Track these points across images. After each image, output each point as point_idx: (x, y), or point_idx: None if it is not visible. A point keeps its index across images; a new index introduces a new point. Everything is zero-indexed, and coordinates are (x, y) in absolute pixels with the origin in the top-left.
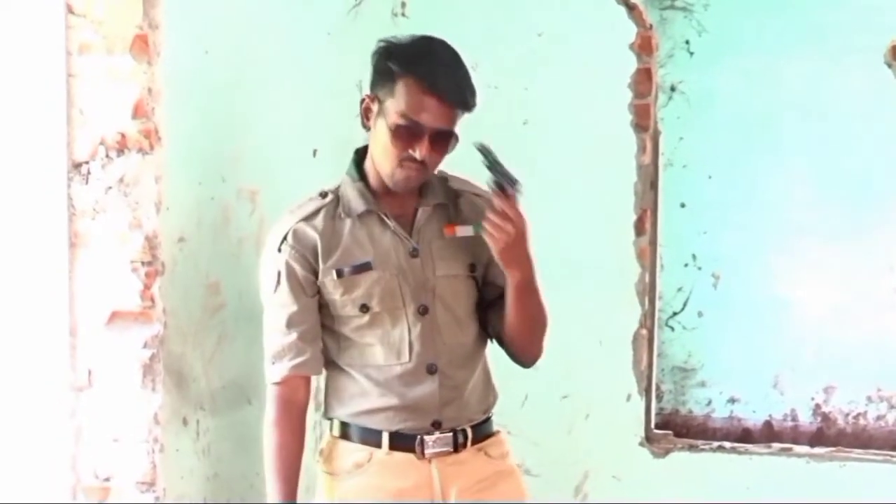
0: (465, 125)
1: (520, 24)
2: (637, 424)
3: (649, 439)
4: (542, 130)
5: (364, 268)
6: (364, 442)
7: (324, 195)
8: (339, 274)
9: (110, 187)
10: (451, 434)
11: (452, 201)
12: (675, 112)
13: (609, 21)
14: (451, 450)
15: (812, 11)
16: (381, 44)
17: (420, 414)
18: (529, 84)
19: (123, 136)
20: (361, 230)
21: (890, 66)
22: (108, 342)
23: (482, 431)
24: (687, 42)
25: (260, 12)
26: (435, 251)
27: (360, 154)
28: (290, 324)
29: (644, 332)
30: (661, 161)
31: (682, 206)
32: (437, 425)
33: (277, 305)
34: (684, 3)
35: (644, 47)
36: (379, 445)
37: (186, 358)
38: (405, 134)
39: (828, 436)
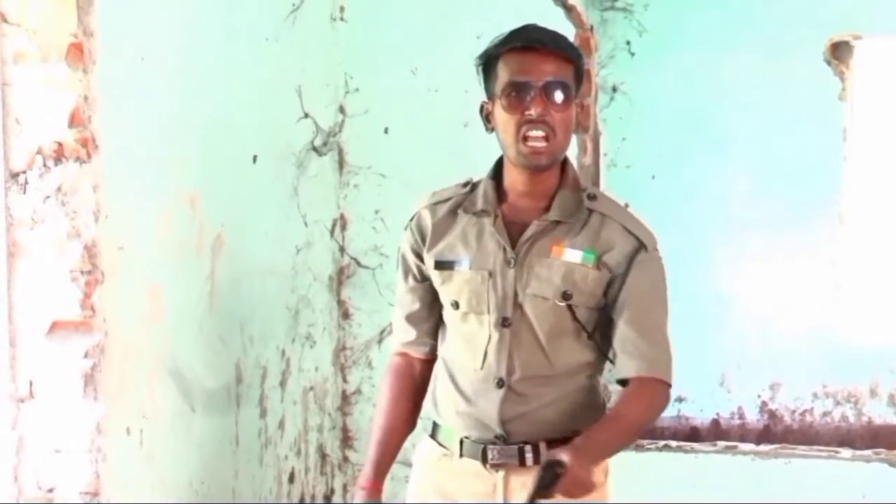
0: (407, 126)
1: (458, 27)
2: None
3: None
4: (482, 133)
5: (458, 264)
6: (439, 441)
7: (466, 184)
8: (437, 265)
9: (48, 197)
10: (515, 447)
11: (581, 221)
12: (617, 112)
13: (547, 23)
14: (517, 463)
15: (751, 9)
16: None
17: (484, 424)
18: (469, 86)
19: (60, 144)
20: (474, 227)
21: (829, 62)
22: (48, 352)
23: None
24: (628, 43)
25: (196, 18)
26: (533, 267)
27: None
28: (401, 303)
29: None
30: (604, 161)
31: (626, 206)
32: (501, 439)
33: (398, 283)
34: (624, 4)
35: (583, 48)
36: (451, 448)
37: (129, 366)
38: (515, 98)
39: (775, 433)
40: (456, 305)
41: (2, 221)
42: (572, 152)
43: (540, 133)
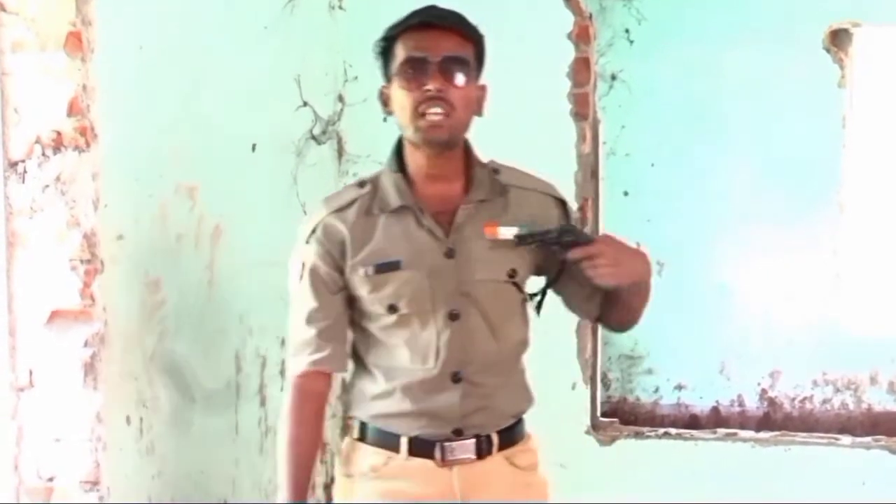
0: None
1: None
2: (583, 413)
3: (595, 427)
4: (480, 121)
5: (393, 266)
6: (382, 445)
7: (362, 184)
8: (367, 272)
9: (47, 186)
10: (473, 440)
11: (501, 197)
12: (616, 101)
13: (546, 11)
14: (474, 457)
15: None
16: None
17: (440, 422)
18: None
19: (59, 133)
20: (396, 226)
21: (828, 50)
22: (48, 341)
23: (510, 436)
24: (627, 31)
25: (195, 7)
26: (474, 253)
27: (401, 143)
28: (310, 320)
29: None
30: (604, 150)
31: (626, 194)
32: (458, 433)
33: (299, 300)
34: None
35: (582, 36)
36: (397, 450)
37: (128, 356)
38: (413, 75)
39: (774, 420)
40: (393, 309)
41: (1, 211)
42: (571, 140)
43: (438, 109)
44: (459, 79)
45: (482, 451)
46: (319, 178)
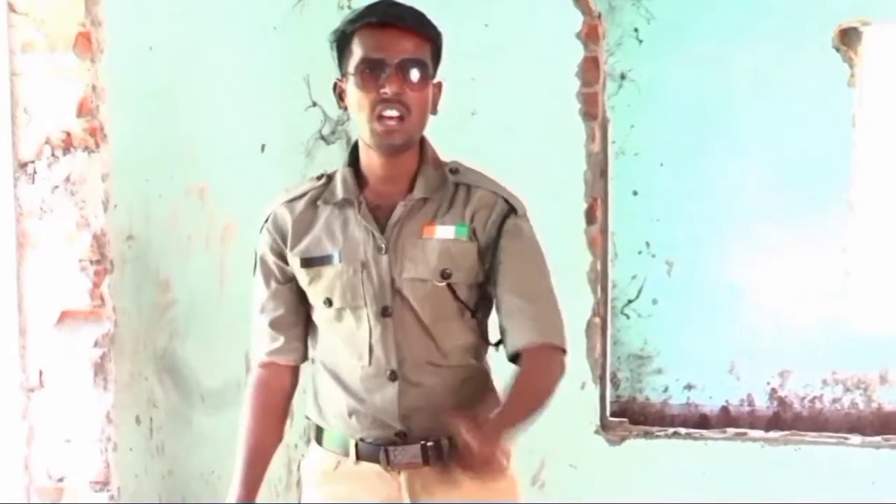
0: None
1: (466, 15)
2: (592, 412)
3: (605, 427)
4: (490, 121)
5: (327, 260)
6: (333, 449)
7: (320, 177)
8: (303, 263)
9: (57, 186)
10: (418, 446)
11: (448, 197)
12: (625, 100)
13: (555, 10)
14: (420, 462)
15: None
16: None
17: (382, 423)
18: (477, 74)
19: (69, 134)
20: (338, 219)
21: (838, 49)
22: (58, 342)
23: None
24: (636, 30)
25: (204, 7)
26: (406, 250)
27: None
28: (263, 309)
29: (597, 320)
30: (613, 149)
31: (635, 193)
32: (402, 436)
33: (255, 288)
34: None
35: (591, 36)
36: (346, 454)
37: (138, 356)
38: (369, 76)
39: (784, 420)
40: (329, 303)
41: (11, 211)
42: (580, 139)
43: (394, 112)
44: (416, 81)
45: (428, 457)
46: None
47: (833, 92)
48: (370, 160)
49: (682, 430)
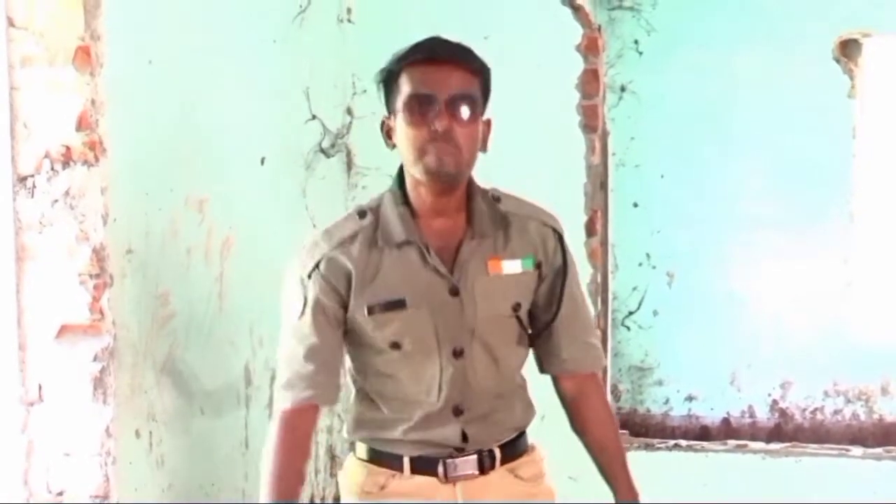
0: None
1: (465, 28)
2: None
3: None
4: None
5: (398, 305)
6: (385, 465)
7: (362, 214)
8: (371, 311)
9: (56, 200)
10: (475, 456)
11: (503, 228)
12: (626, 112)
13: (555, 23)
14: (477, 472)
15: (759, 7)
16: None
17: (439, 445)
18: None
19: (68, 148)
20: (399, 261)
21: (838, 61)
22: (57, 356)
23: (513, 450)
24: (636, 42)
25: (204, 21)
26: (478, 290)
27: (402, 174)
28: (309, 356)
29: (597, 332)
30: (613, 161)
31: (635, 205)
32: (460, 450)
33: (298, 334)
34: (632, 3)
35: (590, 48)
36: (400, 469)
37: (138, 369)
38: (419, 112)
39: (785, 431)
40: (396, 346)
41: (10, 225)
42: (580, 152)
43: (443, 145)
44: (466, 117)
45: (484, 466)
46: (328, 191)
47: (834, 103)
48: (420, 196)
49: (683, 443)
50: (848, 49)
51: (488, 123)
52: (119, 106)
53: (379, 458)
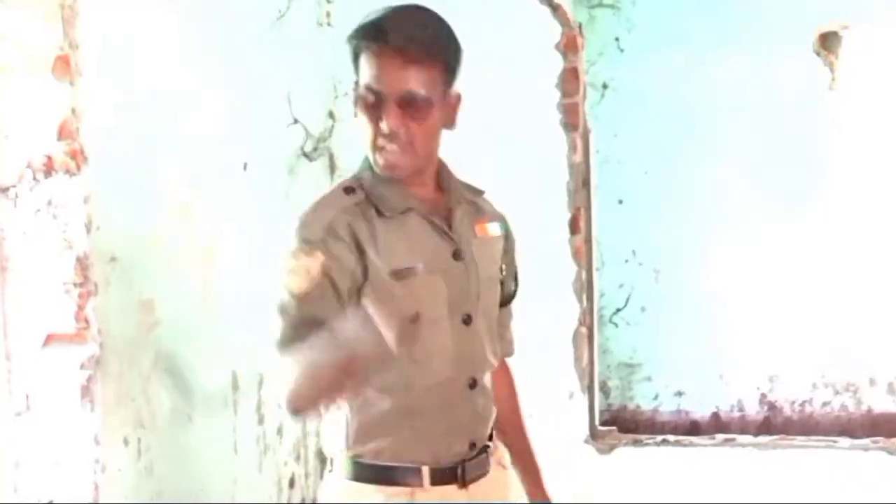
0: None
1: None
2: (581, 422)
3: (594, 436)
4: (471, 133)
5: (409, 272)
6: (399, 483)
7: (349, 190)
8: (395, 274)
9: (39, 210)
10: (484, 455)
11: (472, 194)
12: (608, 109)
13: (534, 22)
14: (487, 471)
15: (739, 2)
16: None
17: (456, 436)
18: (461, 88)
19: (50, 157)
20: (400, 230)
21: (819, 54)
22: (44, 365)
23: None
24: (617, 39)
25: (183, 27)
26: (475, 253)
27: None
28: (309, 311)
29: (584, 329)
30: (596, 158)
31: (620, 202)
32: (472, 446)
33: (298, 317)
34: (613, 1)
35: (570, 46)
36: (418, 482)
37: (124, 377)
38: (371, 106)
39: (775, 424)
40: (416, 318)
41: None
42: (562, 150)
43: (395, 147)
44: (419, 113)
45: (489, 464)
46: (312, 195)
47: (815, 97)
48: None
49: (671, 438)
50: (828, 42)
51: (458, 97)
52: (99, 114)
53: (391, 476)
